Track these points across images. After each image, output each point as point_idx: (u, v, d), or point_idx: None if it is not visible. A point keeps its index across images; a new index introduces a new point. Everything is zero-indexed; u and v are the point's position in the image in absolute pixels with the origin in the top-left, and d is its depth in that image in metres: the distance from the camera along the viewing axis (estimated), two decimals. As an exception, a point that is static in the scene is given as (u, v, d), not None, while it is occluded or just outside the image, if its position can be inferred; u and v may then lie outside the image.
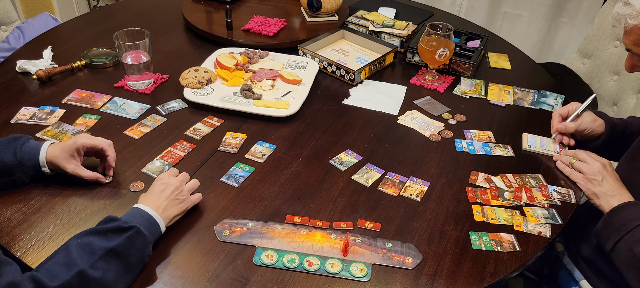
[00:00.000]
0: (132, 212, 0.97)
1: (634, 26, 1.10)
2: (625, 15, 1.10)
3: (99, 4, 3.26)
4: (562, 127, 1.32)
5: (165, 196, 1.01)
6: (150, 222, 0.96)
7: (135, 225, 0.92)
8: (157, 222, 0.97)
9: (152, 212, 0.97)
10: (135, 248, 0.91)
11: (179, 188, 1.03)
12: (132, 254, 0.90)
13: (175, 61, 1.61)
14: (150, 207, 0.98)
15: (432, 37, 1.55)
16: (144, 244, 0.92)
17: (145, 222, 0.95)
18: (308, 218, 1.09)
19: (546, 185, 1.22)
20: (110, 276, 0.86)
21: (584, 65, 2.08)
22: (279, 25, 1.79)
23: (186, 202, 1.04)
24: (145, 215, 0.96)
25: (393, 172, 1.24)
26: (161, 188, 1.02)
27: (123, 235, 0.90)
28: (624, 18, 1.10)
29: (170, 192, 1.01)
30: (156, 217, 0.97)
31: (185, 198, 1.04)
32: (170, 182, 1.03)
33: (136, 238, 0.91)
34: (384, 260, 1.01)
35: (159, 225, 0.97)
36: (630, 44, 1.14)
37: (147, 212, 0.97)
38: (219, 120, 1.37)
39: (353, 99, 1.50)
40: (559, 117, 1.34)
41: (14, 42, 1.99)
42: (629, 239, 1.05)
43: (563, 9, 2.62)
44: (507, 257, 1.04)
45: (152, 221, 0.96)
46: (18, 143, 1.08)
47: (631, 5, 1.09)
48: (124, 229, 0.90)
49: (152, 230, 0.95)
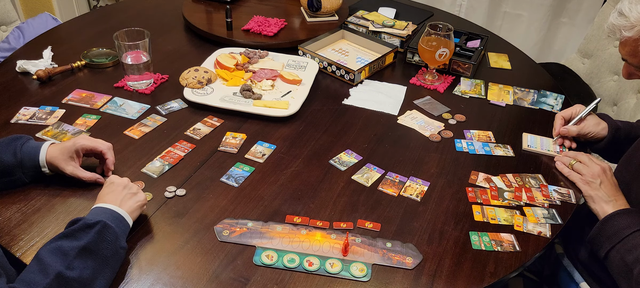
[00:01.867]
0: (94, 210, 0.97)
1: (628, 38, 1.08)
2: (620, 26, 1.08)
3: (99, 4, 3.26)
4: (565, 131, 1.31)
5: (117, 193, 1.00)
6: (114, 216, 0.95)
7: (100, 219, 0.92)
8: (121, 215, 0.97)
9: (112, 206, 0.97)
10: (107, 242, 0.90)
11: (126, 184, 1.03)
12: (105, 248, 0.90)
13: (175, 61, 1.61)
14: (109, 203, 0.98)
15: (432, 37, 1.55)
16: (115, 236, 0.92)
17: (110, 216, 0.95)
18: (308, 218, 1.09)
19: (546, 185, 1.22)
20: (87, 273, 0.86)
21: (584, 65, 2.08)
22: (279, 25, 1.79)
23: (139, 194, 1.03)
24: (107, 211, 0.96)
25: (393, 172, 1.24)
26: (110, 188, 1.01)
27: (91, 231, 0.89)
28: (619, 29, 1.09)
29: (120, 189, 1.01)
30: (118, 210, 0.97)
31: (137, 190, 1.03)
32: (115, 181, 1.03)
33: (105, 232, 0.91)
34: (384, 260, 1.01)
35: (123, 218, 0.97)
36: (625, 54, 1.13)
37: (108, 207, 0.97)
38: (219, 120, 1.37)
39: (353, 99, 1.50)
40: (561, 119, 1.34)
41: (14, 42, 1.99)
42: (621, 248, 1.05)
43: (563, 9, 2.62)
44: (507, 257, 1.04)
45: (116, 215, 0.96)
46: (18, 143, 1.08)
47: (625, 17, 1.07)
48: (91, 225, 0.90)
49: (118, 223, 0.95)
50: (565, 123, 1.33)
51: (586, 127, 1.30)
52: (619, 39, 1.12)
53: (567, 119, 1.34)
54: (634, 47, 1.09)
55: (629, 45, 1.10)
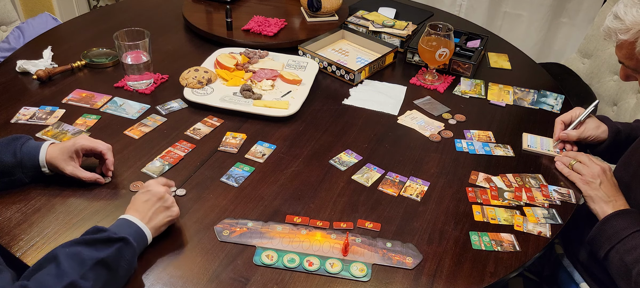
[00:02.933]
0: (120, 222, 0.95)
1: (624, 41, 1.08)
2: (616, 29, 1.08)
3: (99, 4, 3.26)
4: (564, 136, 1.31)
5: (150, 205, 0.98)
6: (138, 233, 0.94)
7: (124, 236, 0.89)
8: (144, 234, 0.95)
9: (139, 222, 0.95)
10: (125, 260, 0.89)
11: (164, 196, 1.00)
12: (121, 266, 0.88)
13: (175, 61, 1.61)
14: (137, 218, 0.96)
15: (432, 37, 1.55)
16: (133, 255, 0.91)
17: (134, 233, 0.93)
18: (308, 218, 1.09)
19: (546, 185, 1.22)
20: (98, 286, 0.84)
21: (584, 65, 2.08)
22: (279, 25, 1.79)
23: (172, 209, 1.01)
24: (133, 226, 0.94)
25: (393, 172, 1.24)
26: (145, 197, 0.99)
27: (112, 246, 0.88)
28: (614, 33, 1.08)
29: (155, 200, 0.99)
30: (144, 228, 0.95)
31: (171, 205, 1.01)
32: (155, 190, 1.00)
33: (125, 250, 0.89)
34: (384, 260, 1.01)
35: (146, 236, 0.95)
36: (622, 57, 1.13)
37: (135, 223, 0.94)
38: (219, 120, 1.37)
39: (353, 99, 1.50)
40: (561, 124, 1.33)
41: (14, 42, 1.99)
42: (621, 248, 1.06)
43: (563, 9, 2.62)
44: (507, 256, 1.04)
45: (140, 232, 0.94)
46: (18, 143, 1.08)
47: (621, 20, 1.07)
48: (113, 240, 0.88)
49: (139, 241, 0.93)
50: (565, 127, 1.33)
51: (586, 131, 1.30)
52: (614, 42, 1.12)
53: (567, 123, 1.33)
54: (629, 50, 1.09)
55: (625, 48, 1.10)
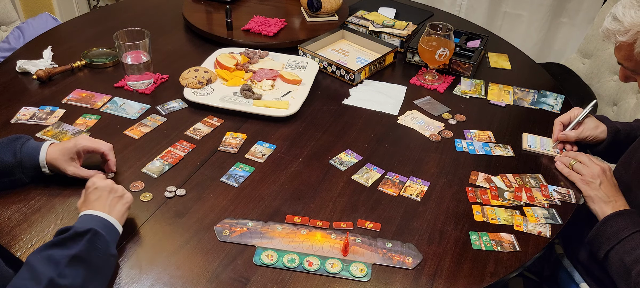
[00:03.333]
0: (83, 218, 0.95)
1: (623, 42, 1.08)
2: (614, 31, 1.07)
3: (99, 4, 3.26)
4: (563, 136, 1.31)
5: (104, 199, 0.98)
6: (104, 224, 0.94)
7: (91, 227, 0.90)
8: (110, 223, 0.95)
9: (101, 214, 0.95)
10: (98, 250, 0.89)
11: (111, 188, 1.00)
12: (96, 256, 0.88)
13: (175, 61, 1.61)
14: (97, 210, 0.96)
15: (432, 37, 1.55)
16: (106, 244, 0.91)
17: (100, 224, 0.93)
18: (308, 218, 1.09)
19: (546, 185, 1.22)
20: (79, 282, 0.84)
21: (584, 65, 2.08)
22: (279, 25, 1.79)
23: (125, 196, 1.01)
24: (96, 218, 0.94)
25: (393, 172, 1.24)
26: (96, 194, 0.99)
27: (82, 239, 0.88)
28: (613, 34, 1.08)
29: (106, 194, 0.99)
30: (108, 218, 0.95)
31: (123, 192, 1.01)
32: (100, 185, 1.01)
33: (96, 240, 0.89)
34: (384, 260, 1.01)
35: (113, 225, 0.95)
36: (621, 59, 1.12)
37: (97, 215, 0.95)
38: (219, 120, 1.37)
39: (353, 99, 1.50)
40: (560, 125, 1.33)
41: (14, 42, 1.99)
42: (620, 249, 1.06)
43: (563, 9, 2.62)
44: (507, 256, 1.04)
45: (106, 222, 0.94)
46: (18, 143, 1.08)
47: (619, 21, 1.06)
48: (81, 234, 0.88)
49: (108, 231, 0.93)
50: (564, 128, 1.33)
51: (585, 131, 1.30)
52: (613, 44, 1.11)
53: (565, 124, 1.33)
54: (628, 52, 1.09)
55: (624, 50, 1.10)
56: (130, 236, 1.02)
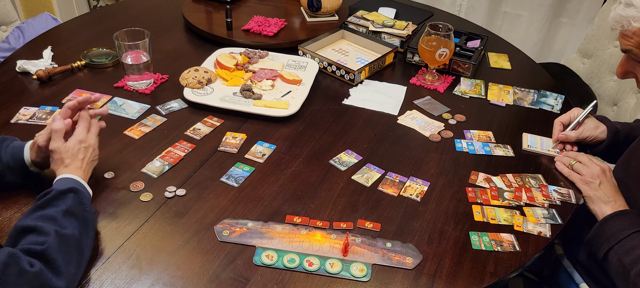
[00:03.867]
0: (60, 181, 0.99)
1: (637, 29, 1.05)
2: (629, 17, 1.05)
3: (99, 4, 3.26)
4: (563, 137, 1.31)
5: (87, 160, 1.04)
6: (80, 184, 0.99)
7: (72, 186, 0.96)
8: (83, 184, 1.00)
9: (75, 177, 1.00)
10: (84, 205, 0.95)
11: (94, 147, 1.06)
12: (83, 210, 0.94)
13: (175, 61, 1.61)
14: (75, 175, 1.00)
15: (432, 37, 1.55)
16: (88, 200, 0.97)
17: (77, 183, 0.98)
18: (308, 218, 1.09)
19: (546, 185, 1.22)
20: (76, 233, 0.90)
21: (584, 65, 2.08)
22: (279, 25, 1.79)
23: (88, 148, 1.05)
24: (72, 180, 0.99)
25: (393, 172, 1.24)
26: (82, 154, 1.03)
27: (67, 196, 0.93)
28: (627, 20, 1.05)
29: (89, 155, 1.04)
30: (81, 181, 1.00)
31: (97, 158, 1.07)
32: (90, 142, 1.05)
33: (80, 196, 0.95)
34: (384, 260, 1.01)
35: (87, 189, 1.01)
36: (631, 46, 1.08)
37: (74, 178, 0.99)
38: (219, 120, 1.37)
39: (353, 99, 1.50)
40: (560, 125, 1.33)
41: (14, 42, 1.99)
42: (619, 249, 1.05)
43: (563, 9, 2.62)
44: (507, 257, 1.04)
45: (81, 185, 0.99)
46: (3, 146, 1.07)
47: (635, 7, 1.04)
48: (64, 192, 0.94)
49: (85, 189, 0.99)
50: (564, 128, 1.33)
51: (585, 132, 1.30)
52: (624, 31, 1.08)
53: (565, 124, 1.33)
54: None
55: (638, 36, 1.06)
56: (130, 236, 1.03)
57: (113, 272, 0.95)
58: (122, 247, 1.00)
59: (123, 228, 1.04)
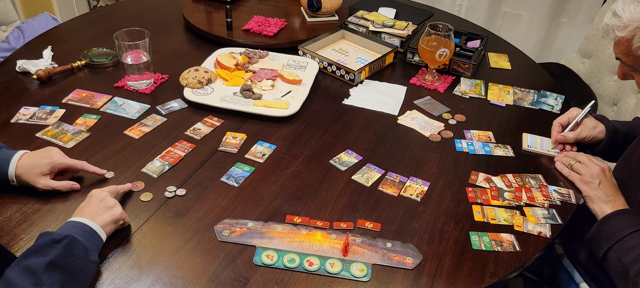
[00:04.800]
0: (65, 224, 0.95)
1: (621, 38, 1.08)
2: (613, 26, 1.08)
3: (99, 4, 3.26)
4: (562, 138, 1.31)
5: (92, 206, 0.99)
6: (85, 230, 0.94)
7: (68, 234, 0.90)
8: (92, 229, 0.95)
9: (84, 220, 0.95)
10: (75, 256, 0.88)
11: (103, 198, 1.01)
12: (72, 262, 0.88)
13: (175, 61, 1.61)
14: (81, 217, 0.96)
15: (432, 37, 1.55)
16: (84, 251, 0.90)
17: (79, 231, 0.93)
18: (308, 218, 1.09)
19: (546, 185, 1.22)
20: None
21: (584, 65, 2.08)
22: (279, 25, 1.79)
23: (115, 208, 1.01)
24: (78, 224, 0.94)
25: (393, 172, 1.24)
26: (87, 202, 1.00)
27: (58, 246, 0.87)
28: (612, 29, 1.09)
29: (97, 202, 0.99)
30: (90, 224, 0.95)
31: (113, 205, 1.01)
32: (94, 194, 1.02)
33: (73, 246, 0.89)
34: (384, 260, 1.01)
35: (95, 231, 0.95)
36: (619, 54, 1.13)
37: (79, 221, 0.95)
38: (219, 120, 1.37)
39: (353, 99, 1.50)
40: (558, 126, 1.34)
41: (14, 42, 1.99)
42: (619, 248, 1.06)
43: (563, 9, 2.62)
44: (507, 257, 1.04)
45: (87, 228, 0.94)
46: None
47: (619, 17, 1.07)
48: (58, 240, 0.88)
49: (89, 237, 0.93)
50: (563, 129, 1.33)
51: (583, 132, 1.30)
52: (612, 39, 1.12)
53: (564, 125, 1.33)
54: (627, 47, 1.10)
55: (622, 45, 1.10)
56: (130, 236, 1.03)
57: (113, 272, 0.95)
58: (122, 247, 1.00)
59: (123, 228, 1.04)
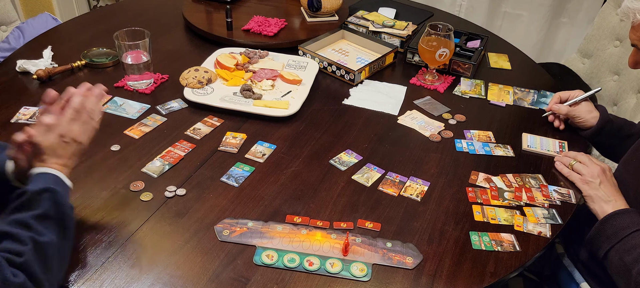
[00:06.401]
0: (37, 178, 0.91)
1: None
2: (634, 9, 1.08)
3: (99, 4, 3.26)
4: (556, 108, 1.36)
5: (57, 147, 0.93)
6: (57, 181, 0.91)
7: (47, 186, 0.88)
8: (61, 179, 0.92)
9: (53, 171, 0.92)
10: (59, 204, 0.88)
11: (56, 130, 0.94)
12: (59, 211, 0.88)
13: (175, 61, 1.61)
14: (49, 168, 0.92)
15: (432, 37, 1.55)
16: (64, 197, 0.90)
17: (52, 181, 0.90)
18: (308, 218, 1.09)
19: (546, 185, 1.22)
20: (54, 237, 0.85)
21: (584, 65, 2.08)
22: (279, 25, 1.79)
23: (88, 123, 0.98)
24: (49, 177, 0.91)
25: (393, 172, 1.24)
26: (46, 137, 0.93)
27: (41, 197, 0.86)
28: (634, 12, 1.08)
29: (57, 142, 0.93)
30: (60, 175, 0.92)
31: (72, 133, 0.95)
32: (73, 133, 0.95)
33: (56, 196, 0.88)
34: (384, 260, 1.01)
35: (64, 181, 0.92)
36: (636, 40, 1.12)
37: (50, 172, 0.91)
38: (219, 120, 1.37)
39: (353, 99, 1.50)
40: (557, 97, 1.39)
41: (14, 42, 1.99)
42: (620, 248, 1.06)
43: (563, 9, 2.62)
44: (507, 257, 1.04)
45: (58, 180, 0.91)
46: None
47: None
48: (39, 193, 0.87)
49: (62, 186, 0.91)
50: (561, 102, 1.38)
51: (577, 111, 1.34)
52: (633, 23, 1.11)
53: (563, 99, 1.38)
54: None
55: None
56: (130, 236, 1.03)
57: (113, 271, 0.95)
58: (122, 247, 1.00)
59: (123, 228, 1.04)
